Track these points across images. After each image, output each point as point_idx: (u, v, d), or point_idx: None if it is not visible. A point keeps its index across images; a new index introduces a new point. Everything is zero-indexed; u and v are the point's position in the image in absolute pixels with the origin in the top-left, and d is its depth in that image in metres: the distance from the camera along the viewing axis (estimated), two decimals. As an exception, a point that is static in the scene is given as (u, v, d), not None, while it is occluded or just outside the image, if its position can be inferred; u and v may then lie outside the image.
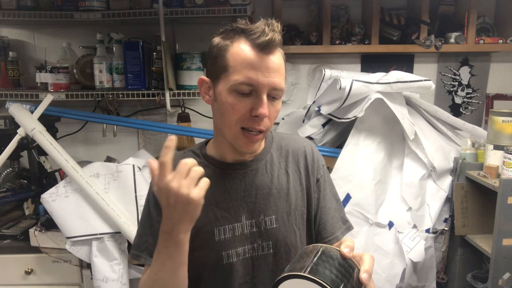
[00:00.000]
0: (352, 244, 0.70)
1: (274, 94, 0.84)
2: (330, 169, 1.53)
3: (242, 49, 0.82)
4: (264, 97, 0.82)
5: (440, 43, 1.91)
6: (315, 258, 0.66)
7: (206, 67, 0.92)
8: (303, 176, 0.97)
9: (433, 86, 1.65)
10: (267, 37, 0.80)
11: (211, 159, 0.95)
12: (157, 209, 0.95)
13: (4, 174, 1.89)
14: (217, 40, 0.86)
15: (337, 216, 1.00)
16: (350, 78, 1.60)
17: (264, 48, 0.81)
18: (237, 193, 0.92)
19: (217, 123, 0.91)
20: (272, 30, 0.81)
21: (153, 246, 0.93)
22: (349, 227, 1.02)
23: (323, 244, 0.70)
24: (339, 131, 1.78)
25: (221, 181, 0.92)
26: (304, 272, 0.63)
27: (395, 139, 1.67)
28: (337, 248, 0.69)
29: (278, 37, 0.81)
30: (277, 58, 0.83)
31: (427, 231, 1.59)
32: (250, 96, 0.83)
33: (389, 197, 1.62)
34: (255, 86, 0.81)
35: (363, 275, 0.65)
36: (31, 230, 1.64)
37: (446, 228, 1.63)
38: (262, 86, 0.81)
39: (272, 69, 0.82)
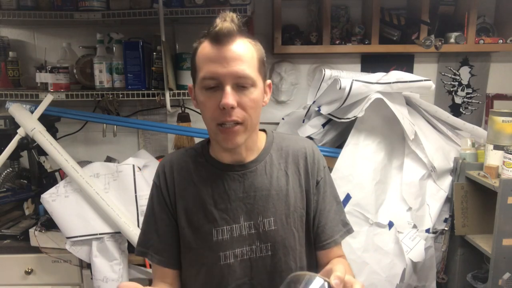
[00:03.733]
0: (342, 274, 0.69)
1: (241, 83, 0.83)
2: (330, 169, 1.52)
3: (203, 47, 0.85)
4: (227, 88, 0.82)
5: (440, 43, 1.91)
6: None
7: None
8: (302, 178, 0.96)
9: (433, 86, 1.65)
10: (217, 28, 0.82)
11: (211, 159, 0.95)
12: (160, 206, 0.95)
13: (4, 174, 1.89)
14: (194, 45, 0.90)
15: (337, 218, 0.99)
16: (350, 78, 1.60)
17: (218, 39, 0.82)
18: (236, 194, 0.92)
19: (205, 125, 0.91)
20: (223, 20, 0.83)
21: (158, 244, 0.95)
22: (349, 230, 1.01)
23: (312, 274, 0.68)
24: (339, 131, 1.78)
25: (220, 182, 0.92)
26: None
27: (395, 139, 1.67)
28: (326, 279, 0.67)
29: (228, 25, 0.82)
30: (236, 46, 0.83)
31: (427, 231, 1.59)
32: (217, 90, 0.83)
33: (389, 197, 1.62)
34: (217, 79, 0.82)
35: None
36: (31, 230, 1.64)
37: (446, 228, 1.63)
38: (223, 77, 0.82)
39: (230, 58, 0.82)
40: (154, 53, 1.87)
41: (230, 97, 0.81)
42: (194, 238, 0.92)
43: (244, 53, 0.84)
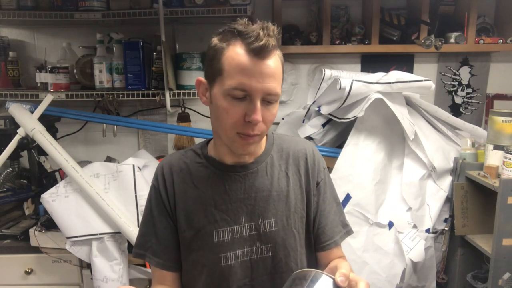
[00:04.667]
0: (347, 271, 0.69)
1: (269, 99, 0.83)
2: (330, 169, 1.53)
3: (236, 53, 0.81)
4: (258, 103, 0.81)
5: (440, 43, 1.91)
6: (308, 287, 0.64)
7: (204, 67, 0.91)
8: (303, 179, 0.96)
9: (433, 86, 1.65)
10: (261, 43, 0.78)
11: (212, 160, 0.94)
12: (159, 208, 0.95)
13: (4, 174, 1.89)
14: (214, 41, 0.85)
15: (336, 220, 0.99)
16: (350, 78, 1.60)
17: (258, 53, 0.79)
18: (236, 195, 0.91)
19: (214, 125, 0.90)
20: (267, 34, 0.79)
21: (157, 246, 0.94)
22: (349, 231, 1.01)
23: (317, 271, 0.69)
24: (339, 131, 1.78)
25: (221, 183, 0.92)
26: None
27: (395, 139, 1.67)
28: (331, 276, 0.68)
29: (272, 42, 0.80)
30: (272, 62, 0.81)
31: (427, 231, 1.59)
32: (244, 101, 0.82)
33: (389, 197, 1.62)
34: (248, 92, 0.80)
35: None
36: (31, 230, 1.64)
37: (446, 228, 1.63)
38: (255, 92, 0.80)
39: (266, 74, 0.80)
40: (154, 53, 1.87)
41: (259, 113, 0.81)
42: (195, 240, 0.91)
43: (277, 69, 0.83)
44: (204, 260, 0.91)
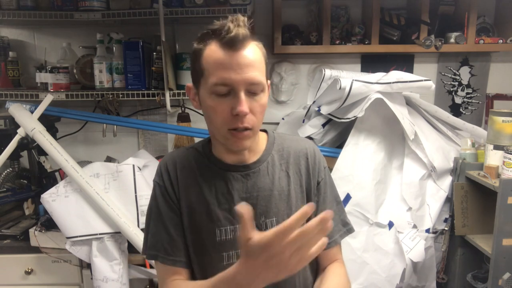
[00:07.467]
0: None
1: (253, 89, 0.83)
2: (330, 169, 1.52)
3: (213, 50, 0.82)
4: (242, 95, 0.81)
5: (440, 43, 1.91)
6: None
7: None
8: (303, 178, 0.97)
9: (433, 86, 1.65)
10: (232, 34, 0.79)
11: (214, 159, 0.95)
12: (167, 205, 0.94)
13: (4, 174, 1.89)
14: (194, 45, 0.87)
15: (336, 218, 0.99)
16: (350, 78, 1.60)
17: (231, 45, 0.80)
18: (239, 194, 0.92)
19: (208, 127, 0.91)
20: (237, 25, 0.80)
21: (169, 244, 0.93)
22: (349, 230, 1.01)
23: None
24: (339, 131, 1.78)
25: (224, 182, 0.92)
26: None
27: (395, 139, 1.67)
28: None
29: (242, 31, 0.80)
30: (248, 52, 0.82)
31: (427, 231, 1.59)
32: (229, 95, 0.82)
33: (389, 197, 1.62)
34: (230, 85, 0.81)
35: None
36: (31, 230, 1.64)
37: (446, 228, 1.63)
38: (237, 84, 0.81)
39: (244, 64, 0.81)
40: (154, 53, 1.87)
41: (245, 104, 0.81)
42: (197, 238, 0.92)
43: (256, 58, 0.83)
44: (207, 258, 0.91)
